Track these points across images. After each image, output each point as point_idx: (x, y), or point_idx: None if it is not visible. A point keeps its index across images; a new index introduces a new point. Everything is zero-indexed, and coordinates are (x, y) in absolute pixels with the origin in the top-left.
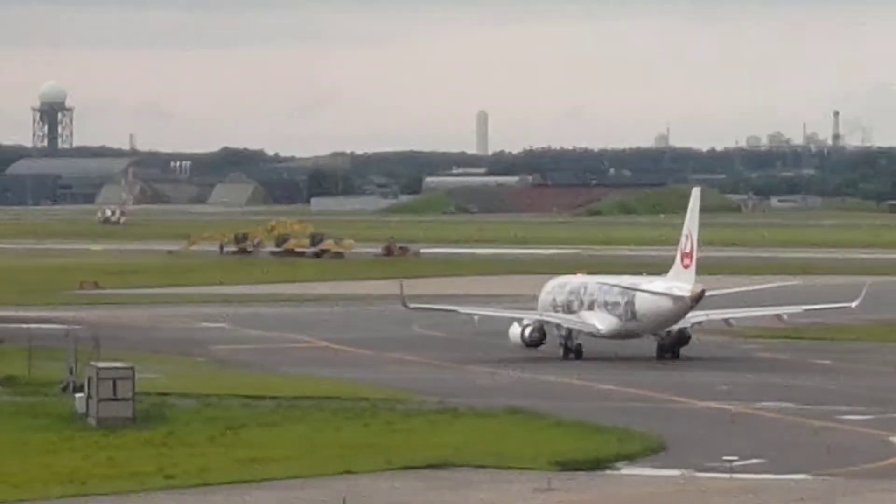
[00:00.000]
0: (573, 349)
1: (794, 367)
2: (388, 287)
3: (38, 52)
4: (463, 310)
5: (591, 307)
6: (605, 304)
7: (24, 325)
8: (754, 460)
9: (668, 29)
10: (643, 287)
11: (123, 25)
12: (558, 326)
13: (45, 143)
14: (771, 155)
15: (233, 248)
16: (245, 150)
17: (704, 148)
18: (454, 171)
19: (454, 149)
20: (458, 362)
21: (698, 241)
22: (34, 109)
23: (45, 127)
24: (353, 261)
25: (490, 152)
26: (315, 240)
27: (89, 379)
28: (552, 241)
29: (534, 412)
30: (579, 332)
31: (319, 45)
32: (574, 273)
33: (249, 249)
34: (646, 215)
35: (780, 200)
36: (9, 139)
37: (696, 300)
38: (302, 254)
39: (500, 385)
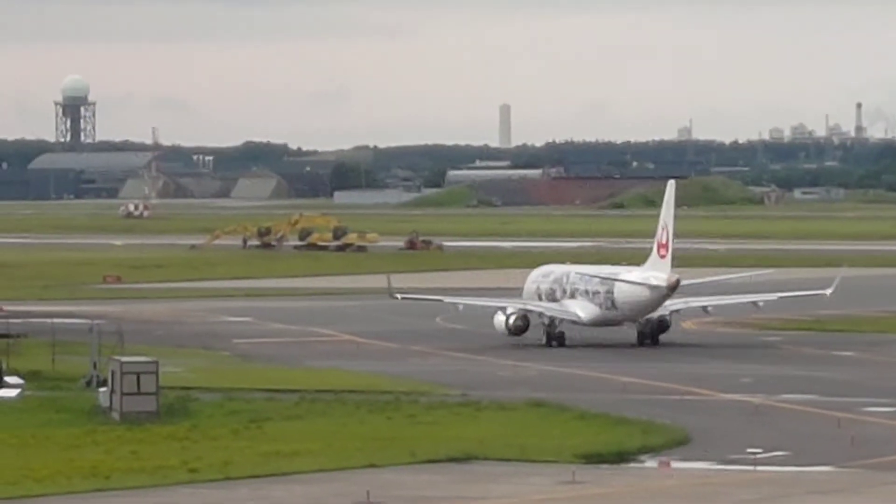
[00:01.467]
0: (555, 337)
1: (817, 359)
2: (412, 280)
3: (60, 47)
4: (448, 299)
5: (572, 296)
6: (587, 293)
7: (48, 320)
8: (778, 452)
9: (691, 21)
10: (622, 277)
11: (145, 19)
12: (541, 315)
13: (68, 137)
14: (794, 147)
15: (256, 242)
16: (268, 143)
17: (727, 140)
18: (477, 164)
19: (477, 142)
20: (481, 354)
21: (674, 232)
22: (57, 104)
23: (68, 121)
24: (377, 254)
25: (513, 145)
26: (338, 233)
27: (113, 373)
28: (575, 233)
29: (557, 405)
30: (562, 320)
31: (342, 38)
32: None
33: (272, 243)
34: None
35: (803, 193)
36: (32, 134)
37: (672, 289)
38: (325, 247)
39: (524, 377)
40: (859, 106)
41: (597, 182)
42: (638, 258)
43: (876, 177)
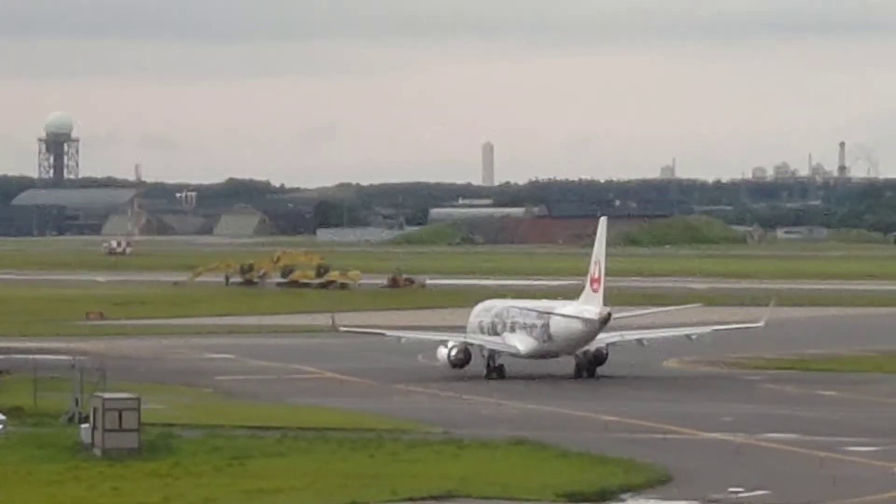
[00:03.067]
0: (495, 369)
1: (799, 398)
2: (395, 318)
3: (44, 83)
4: (390, 333)
5: (512, 329)
6: (525, 326)
7: (30, 356)
8: (760, 492)
9: (674, 61)
10: (557, 311)
11: (129, 56)
12: (481, 348)
13: (51, 173)
14: (777, 186)
15: (238, 279)
16: (251, 180)
17: (710, 179)
18: (460, 202)
19: (460, 180)
20: (462, 393)
21: (606, 268)
22: (40, 140)
23: (51, 157)
24: (359, 292)
25: (496, 183)
26: (321, 271)
27: (95, 409)
28: (558, 272)
29: (539, 443)
30: (501, 352)
31: (327, 76)
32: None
33: (255, 280)
34: (651, 247)
35: (786, 232)
36: (15, 170)
37: (604, 322)
38: (307, 285)
39: (505, 415)
40: (842, 145)
41: (580, 221)
42: (624, 297)
43: (859, 216)
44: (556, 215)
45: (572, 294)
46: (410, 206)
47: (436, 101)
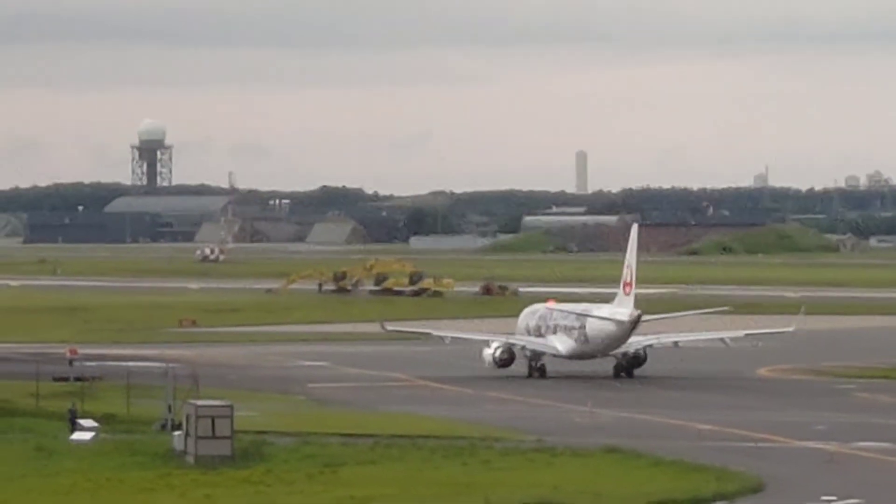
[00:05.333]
0: (537, 369)
1: (892, 407)
2: (489, 326)
3: (137, 91)
4: (436, 332)
5: (554, 331)
6: (565, 328)
7: (123, 363)
8: (852, 500)
9: (767, 68)
10: (593, 313)
11: (222, 63)
12: (523, 348)
13: (144, 181)
14: (870, 194)
15: (331, 287)
16: (344, 188)
17: (803, 187)
18: (553, 210)
19: (553, 188)
20: (556, 401)
21: (637, 272)
22: (133, 147)
23: (144, 165)
24: (452, 300)
25: (589, 191)
26: (414, 279)
27: (188, 417)
28: (650, 280)
29: (632, 451)
30: (542, 353)
31: (420, 84)
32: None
33: (348, 288)
34: (744, 255)
35: (879, 241)
36: (108, 177)
37: (635, 323)
38: (401, 293)
39: (599, 424)
40: None
41: (673, 229)
42: (713, 304)
43: None
44: (648, 223)
45: (667, 307)
46: (504, 213)
47: (530, 108)
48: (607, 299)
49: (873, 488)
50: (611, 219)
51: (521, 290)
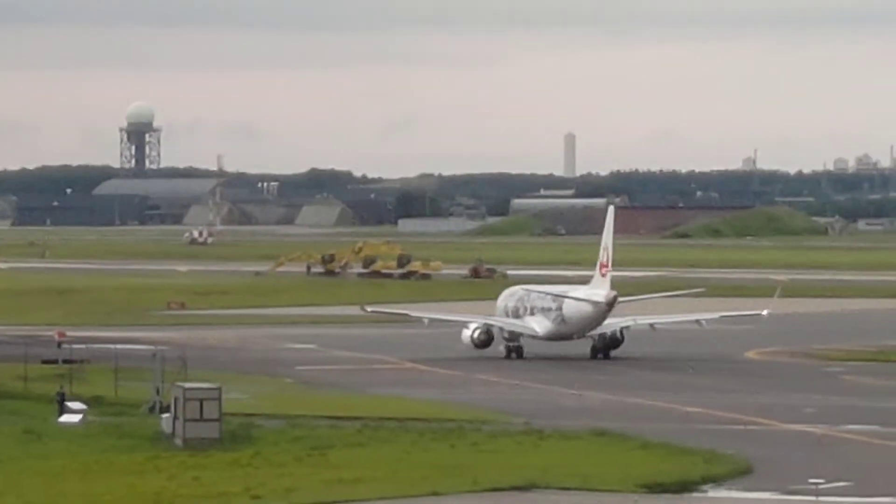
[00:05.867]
0: (514, 349)
1: (880, 390)
2: (476, 309)
3: (125, 73)
4: (414, 313)
5: (532, 313)
6: (542, 309)
7: (112, 346)
8: (841, 483)
9: (756, 52)
10: (569, 294)
11: (210, 46)
12: (501, 329)
13: (133, 163)
14: (858, 178)
15: (320, 270)
16: (332, 171)
17: (792, 171)
18: (542, 193)
19: (542, 171)
20: (544, 383)
21: (614, 254)
22: (122, 130)
23: (133, 147)
24: (441, 282)
25: (577, 174)
26: (402, 261)
27: (176, 399)
28: (639, 263)
29: (620, 434)
30: (520, 334)
31: (409, 66)
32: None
33: (336, 271)
34: (733, 238)
35: (867, 224)
36: (96, 160)
37: (611, 305)
38: (389, 275)
39: (587, 406)
40: None
41: (661, 212)
42: (704, 286)
43: None
44: (637, 206)
45: (656, 286)
46: (492, 196)
47: (518, 91)
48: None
49: (861, 471)
50: (599, 201)
51: (509, 272)
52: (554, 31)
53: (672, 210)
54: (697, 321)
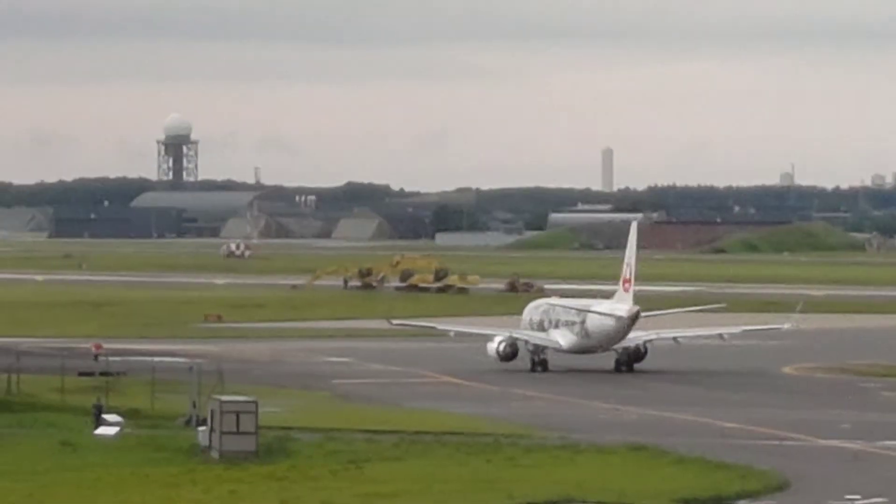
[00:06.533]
0: (539, 363)
1: None
2: (513, 323)
3: (162, 85)
4: (441, 326)
5: (556, 326)
6: (567, 323)
7: (148, 358)
8: (877, 499)
9: (794, 66)
10: (593, 308)
11: (248, 59)
12: (526, 342)
13: (170, 176)
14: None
15: (357, 283)
16: (370, 184)
17: (829, 186)
18: (579, 207)
19: (579, 185)
20: (580, 397)
21: (636, 269)
22: (159, 142)
23: (170, 160)
24: (478, 296)
25: (615, 189)
26: (439, 275)
27: (212, 412)
28: (676, 278)
29: (656, 448)
30: (545, 347)
31: (447, 80)
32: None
33: (373, 284)
34: (770, 253)
35: None
36: (133, 172)
37: (633, 319)
38: (426, 289)
39: (623, 421)
40: None
41: (698, 227)
42: (738, 303)
43: None
44: (675, 221)
45: (692, 301)
46: (530, 210)
47: (556, 105)
48: (634, 298)
49: None
50: (636, 216)
51: (546, 286)
52: (592, 45)
53: (709, 225)
54: (720, 335)
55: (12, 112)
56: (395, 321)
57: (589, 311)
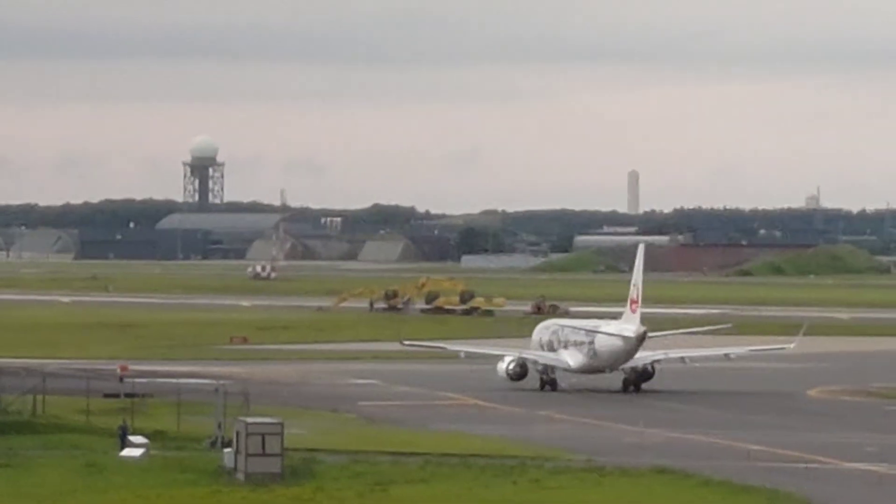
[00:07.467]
0: (549, 382)
1: None
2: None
3: (189, 107)
4: (451, 346)
5: (566, 346)
6: (575, 343)
7: (174, 380)
8: None
9: (819, 89)
10: (601, 329)
11: (274, 81)
12: (535, 362)
13: (196, 197)
14: None
15: (383, 305)
16: (396, 206)
17: (855, 209)
18: (604, 229)
19: (605, 207)
20: (607, 420)
21: (642, 290)
22: (185, 164)
23: (196, 182)
24: (503, 319)
25: (641, 211)
26: (465, 297)
27: (238, 434)
28: (702, 300)
29: (681, 471)
30: (554, 367)
31: (472, 102)
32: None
33: (399, 306)
34: (795, 276)
35: None
36: (159, 193)
37: (641, 339)
38: (452, 311)
39: (649, 444)
40: None
41: (724, 249)
42: (765, 326)
43: None
44: (701, 243)
45: (718, 322)
46: (555, 233)
47: (582, 127)
48: (659, 320)
49: None
50: (662, 238)
51: (571, 308)
52: (618, 67)
53: (735, 248)
54: (726, 355)
55: (38, 133)
56: (406, 341)
57: (597, 332)
